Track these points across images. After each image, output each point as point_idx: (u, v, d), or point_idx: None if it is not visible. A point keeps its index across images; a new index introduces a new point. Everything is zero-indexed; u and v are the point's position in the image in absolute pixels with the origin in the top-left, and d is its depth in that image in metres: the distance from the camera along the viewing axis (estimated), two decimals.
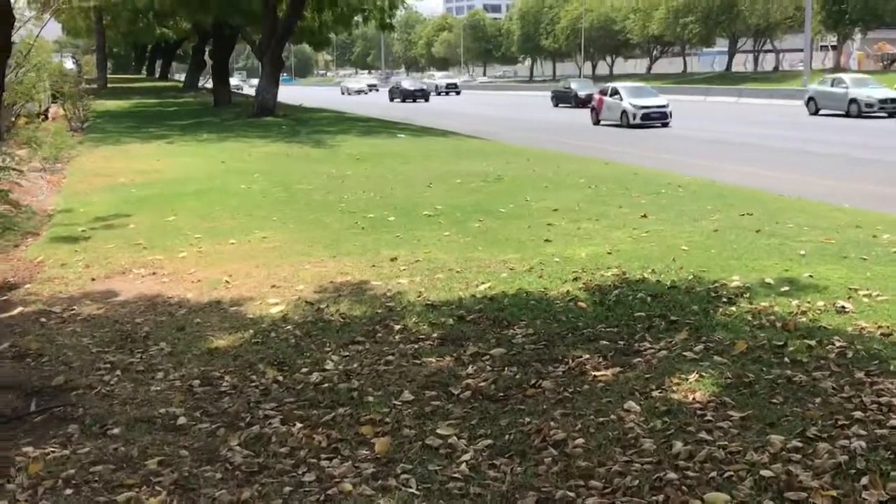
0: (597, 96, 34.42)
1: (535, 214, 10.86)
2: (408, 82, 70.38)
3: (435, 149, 21.06)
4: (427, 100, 60.80)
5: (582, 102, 42.68)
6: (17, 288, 7.92)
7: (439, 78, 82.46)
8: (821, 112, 35.60)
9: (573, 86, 49.49)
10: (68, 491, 3.96)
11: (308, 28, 39.72)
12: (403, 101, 59.64)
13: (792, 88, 51.81)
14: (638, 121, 30.42)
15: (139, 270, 8.43)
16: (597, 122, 32.83)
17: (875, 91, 34.58)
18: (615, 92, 32.48)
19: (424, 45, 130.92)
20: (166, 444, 4.43)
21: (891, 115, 32.77)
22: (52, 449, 4.39)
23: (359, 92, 78.09)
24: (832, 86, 36.12)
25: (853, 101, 33.92)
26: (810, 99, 37.49)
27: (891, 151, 20.73)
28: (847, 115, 33.63)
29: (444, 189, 13.46)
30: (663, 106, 31.18)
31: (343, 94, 77.86)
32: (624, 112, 31.05)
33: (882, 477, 3.79)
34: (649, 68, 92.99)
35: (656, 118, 30.70)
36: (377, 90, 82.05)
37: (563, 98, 48.43)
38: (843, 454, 4.00)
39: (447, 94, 73.65)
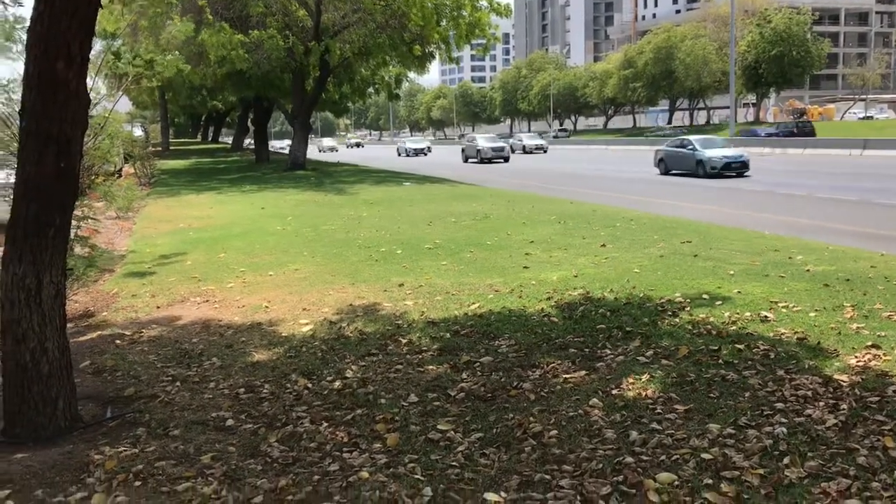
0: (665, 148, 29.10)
1: (515, 246, 10.83)
2: (483, 139, 44.98)
3: (435, 194, 21.07)
4: (507, 160, 42.06)
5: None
6: (96, 315, 7.90)
7: (524, 137, 61.19)
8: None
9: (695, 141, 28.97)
10: (137, 483, 3.93)
11: (330, 98, 39.90)
12: (481, 162, 41.35)
13: (722, 137, 51.94)
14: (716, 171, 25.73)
15: (195, 299, 8.40)
16: (666, 173, 27.99)
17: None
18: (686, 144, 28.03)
19: (424, 110, 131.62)
20: (217, 443, 4.40)
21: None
22: (123, 448, 4.36)
23: (417, 153, 56.87)
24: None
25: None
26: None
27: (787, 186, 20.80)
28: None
29: (441, 227, 13.45)
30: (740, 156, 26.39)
31: (400, 154, 59.01)
32: (700, 162, 26.34)
33: (800, 457, 3.76)
34: (605, 124, 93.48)
35: (736, 168, 25.90)
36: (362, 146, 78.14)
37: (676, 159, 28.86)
38: (769, 439, 3.99)
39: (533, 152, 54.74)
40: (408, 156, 56.17)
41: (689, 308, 6.71)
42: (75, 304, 8.33)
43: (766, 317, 6.28)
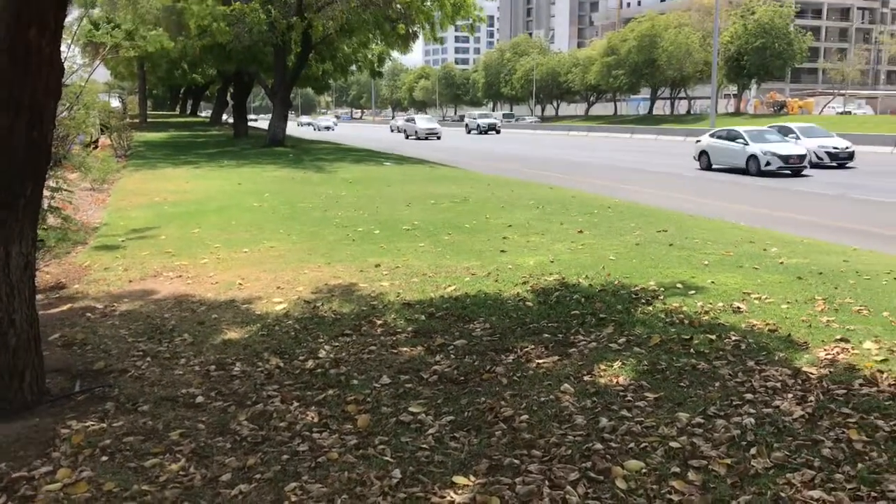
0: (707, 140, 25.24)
1: (493, 229, 10.83)
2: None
3: (414, 175, 21.00)
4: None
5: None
6: (67, 288, 7.80)
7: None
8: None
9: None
10: (104, 458, 3.90)
11: (312, 75, 39.61)
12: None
13: (703, 128, 52.22)
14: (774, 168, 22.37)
15: (168, 274, 8.32)
16: (708, 168, 24.62)
17: None
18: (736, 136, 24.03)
19: (407, 90, 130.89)
20: (186, 419, 4.37)
21: None
22: (91, 423, 4.32)
23: (427, 135, 50.70)
24: None
25: None
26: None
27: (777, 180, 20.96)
28: None
29: (420, 208, 13.42)
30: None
31: (392, 131, 63.12)
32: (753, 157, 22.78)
33: (767, 448, 3.80)
34: (587, 111, 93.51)
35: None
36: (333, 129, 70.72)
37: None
38: (737, 429, 4.02)
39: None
40: (419, 139, 50.17)
41: (662, 297, 6.74)
42: (46, 275, 8.22)
43: (738, 308, 6.33)
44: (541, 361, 5.19)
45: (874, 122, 51.73)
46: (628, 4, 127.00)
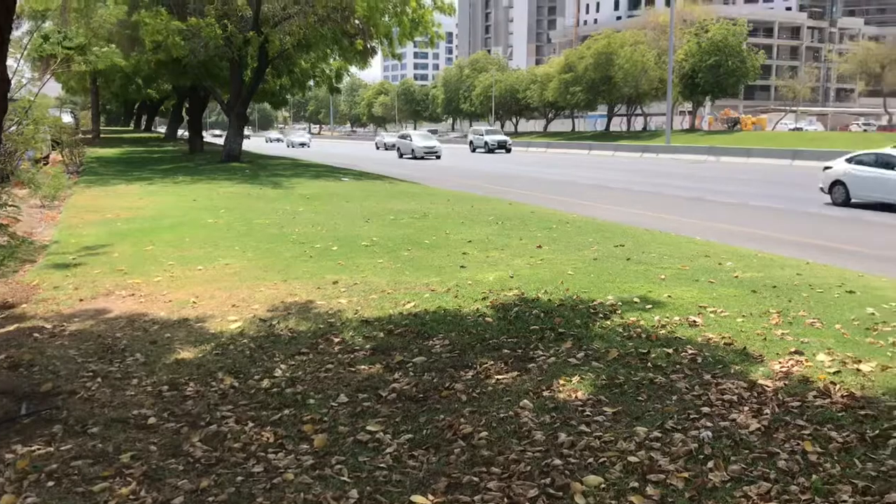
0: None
1: (453, 245, 10.83)
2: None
3: (373, 190, 20.95)
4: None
5: None
6: (15, 307, 7.59)
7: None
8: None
9: None
10: (50, 483, 3.79)
11: (269, 90, 39.43)
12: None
13: (657, 144, 53.08)
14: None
15: (120, 292, 8.15)
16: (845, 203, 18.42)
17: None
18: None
19: (366, 105, 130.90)
20: (138, 441, 4.27)
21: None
22: (37, 447, 4.20)
23: (426, 154, 43.68)
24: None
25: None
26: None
27: (720, 194, 21.32)
28: None
29: (379, 224, 13.37)
30: None
31: (378, 148, 60.57)
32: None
33: (724, 461, 3.84)
34: (545, 127, 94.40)
35: None
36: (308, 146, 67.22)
37: None
38: (694, 442, 4.05)
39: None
40: (415, 157, 43.72)
41: (620, 311, 6.79)
42: None
43: (694, 321, 6.40)
44: (500, 377, 5.18)
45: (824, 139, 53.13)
46: (585, 22, 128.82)
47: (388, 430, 4.37)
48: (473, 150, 54.41)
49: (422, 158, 43.10)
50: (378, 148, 61.75)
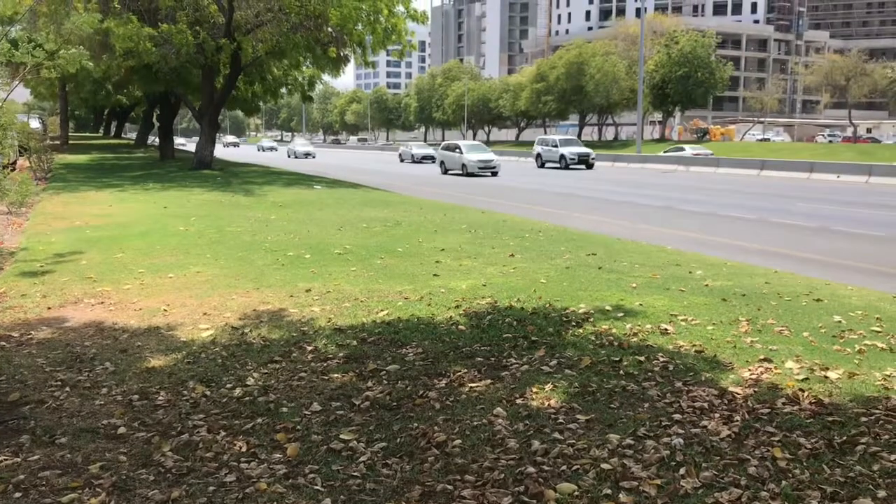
0: None
1: (426, 253, 10.83)
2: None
3: (346, 198, 20.89)
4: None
5: None
6: None
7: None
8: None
9: None
10: (17, 494, 3.72)
11: (241, 97, 39.17)
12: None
13: (629, 154, 53.53)
14: None
15: (89, 300, 8.03)
16: None
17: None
18: None
19: (338, 113, 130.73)
20: (107, 451, 4.21)
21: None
22: (4, 457, 4.12)
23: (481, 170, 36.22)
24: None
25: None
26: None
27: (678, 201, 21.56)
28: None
29: (352, 232, 13.33)
30: None
31: (403, 161, 53.14)
32: None
33: (696, 468, 3.87)
34: (517, 136, 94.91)
35: None
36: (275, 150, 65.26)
37: None
38: (666, 449, 4.08)
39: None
40: (469, 174, 36.55)
41: (592, 319, 6.83)
42: None
43: (666, 329, 6.46)
44: (473, 385, 5.18)
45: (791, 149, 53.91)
46: (557, 32, 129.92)
47: (362, 438, 4.35)
48: (542, 166, 45.34)
49: (473, 175, 35.55)
50: (403, 160, 53.73)
